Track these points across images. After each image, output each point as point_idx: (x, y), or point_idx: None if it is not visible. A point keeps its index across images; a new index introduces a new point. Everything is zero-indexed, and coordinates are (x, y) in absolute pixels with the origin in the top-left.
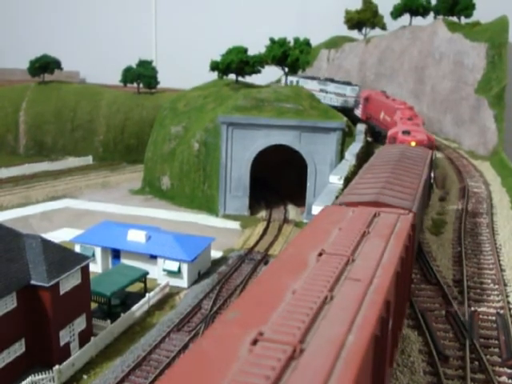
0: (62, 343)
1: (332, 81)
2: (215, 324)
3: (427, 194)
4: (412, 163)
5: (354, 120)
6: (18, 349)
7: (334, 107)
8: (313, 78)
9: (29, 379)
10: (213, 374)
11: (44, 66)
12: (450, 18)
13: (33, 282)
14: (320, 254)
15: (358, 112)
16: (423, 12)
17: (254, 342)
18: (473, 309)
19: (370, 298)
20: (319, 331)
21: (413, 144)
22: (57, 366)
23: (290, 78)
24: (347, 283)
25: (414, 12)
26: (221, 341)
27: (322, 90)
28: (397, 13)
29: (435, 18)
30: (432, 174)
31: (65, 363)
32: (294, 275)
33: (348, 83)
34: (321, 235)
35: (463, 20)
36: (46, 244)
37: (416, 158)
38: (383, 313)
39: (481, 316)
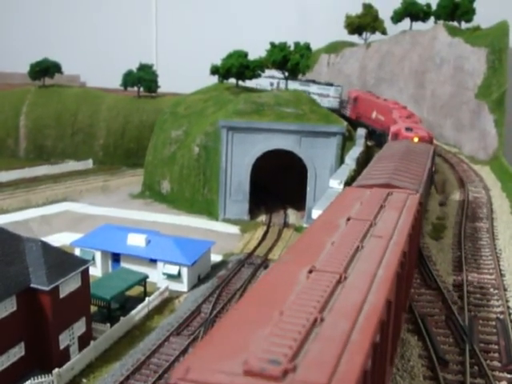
0: (61, 347)
1: (314, 82)
2: (275, 263)
3: (430, 181)
4: (417, 155)
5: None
6: (17, 352)
7: None
8: (294, 80)
9: (28, 382)
10: (281, 294)
11: (44, 69)
12: (451, 23)
13: (32, 285)
14: (348, 219)
15: (346, 112)
16: (424, 17)
17: (310, 272)
18: (473, 314)
19: (391, 249)
20: (357, 266)
21: (415, 139)
22: (56, 370)
23: (270, 80)
24: (372, 240)
25: (415, 17)
26: (284, 272)
27: (303, 92)
28: (397, 17)
29: (435, 22)
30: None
31: (64, 367)
32: (331, 233)
33: (331, 84)
34: (346, 208)
35: (464, 25)
36: (46, 247)
37: (420, 152)
38: (402, 257)
39: (481, 321)
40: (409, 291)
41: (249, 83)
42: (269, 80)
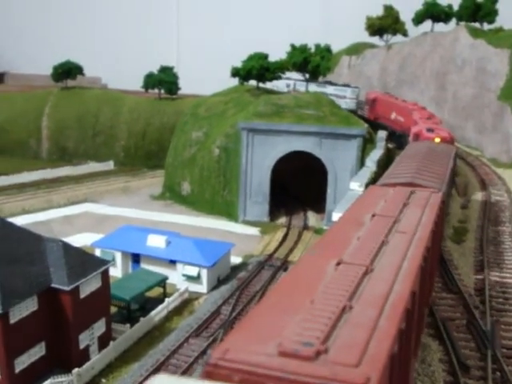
0: (81, 346)
1: (331, 83)
2: (303, 255)
3: (452, 181)
4: (439, 156)
5: None
6: (38, 351)
7: None
8: (310, 81)
9: (48, 382)
10: (310, 284)
11: (67, 71)
12: (473, 24)
13: (53, 285)
14: (373, 216)
15: (364, 113)
16: (445, 18)
17: (338, 264)
18: (495, 318)
19: (415, 244)
20: (382, 259)
21: (437, 140)
22: (76, 369)
23: (286, 82)
24: (396, 235)
25: (436, 18)
26: (312, 264)
27: (320, 93)
28: (418, 19)
29: (457, 24)
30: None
31: (84, 366)
32: (357, 228)
33: (347, 85)
34: (371, 205)
35: (486, 26)
36: (67, 248)
37: (442, 152)
38: (425, 252)
39: (503, 326)
40: (431, 287)
41: (266, 85)
42: (285, 81)
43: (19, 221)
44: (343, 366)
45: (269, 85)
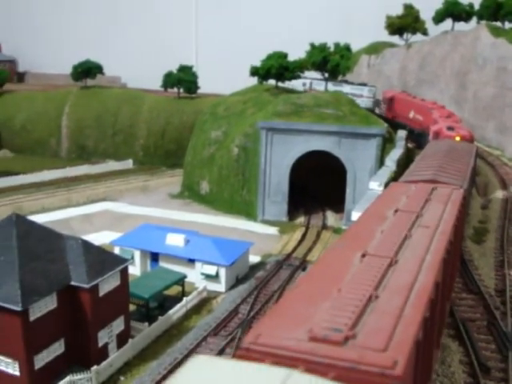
0: (100, 344)
1: (346, 82)
2: (329, 248)
3: (473, 179)
4: (460, 154)
5: None
6: (57, 348)
7: None
8: (326, 80)
9: (67, 378)
10: (337, 274)
11: (86, 71)
12: (494, 23)
13: (73, 282)
14: (396, 211)
15: (381, 111)
16: (466, 17)
17: (363, 256)
18: None
19: (437, 238)
20: (406, 251)
21: (457, 138)
22: (95, 367)
23: (303, 81)
24: (419, 229)
25: (457, 17)
26: (338, 256)
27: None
28: (439, 18)
29: (478, 22)
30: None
31: (103, 364)
32: (380, 222)
33: (364, 84)
34: (393, 201)
35: (507, 25)
36: (87, 246)
37: (463, 150)
38: (448, 246)
39: None
40: (453, 281)
41: (282, 84)
42: (301, 80)
43: (39, 219)
44: (371, 350)
45: (285, 84)
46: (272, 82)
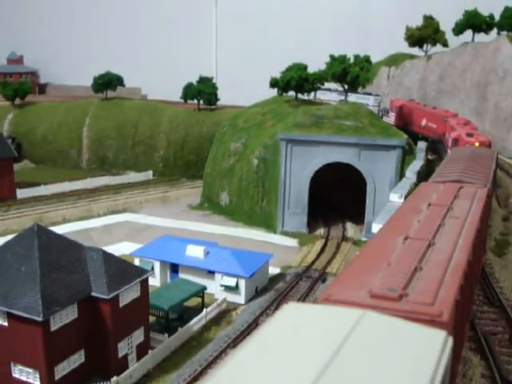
0: (120, 355)
1: (352, 92)
2: (375, 234)
3: (495, 179)
4: (482, 158)
5: None
6: (77, 359)
7: None
8: (331, 90)
9: None
10: (385, 253)
11: (107, 82)
12: None
13: (93, 293)
14: (429, 205)
15: (389, 120)
16: (486, 28)
17: (405, 239)
18: None
19: (467, 226)
20: (442, 235)
21: (476, 144)
22: (115, 378)
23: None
24: (450, 219)
25: (477, 28)
26: (383, 240)
27: (342, 101)
28: (459, 29)
29: (498, 33)
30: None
31: (122, 375)
32: (416, 214)
33: (369, 93)
34: (425, 197)
35: None
36: (107, 257)
37: (485, 155)
38: (476, 233)
39: None
40: (479, 267)
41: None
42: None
43: (60, 230)
44: (422, 304)
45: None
46: (292, 93)
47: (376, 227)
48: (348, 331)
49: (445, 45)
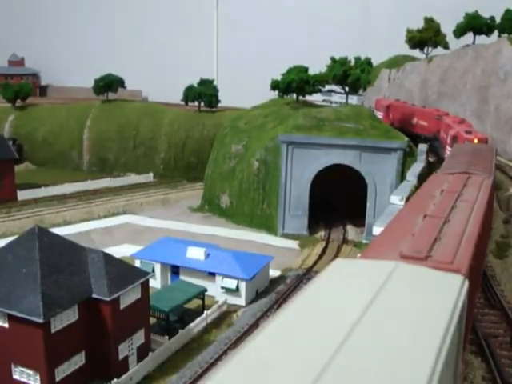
0: (120, 357)
1: (334, 91)
2: (397, 213)
3: (494, 172)
4: (483, 153)
5: None
6: (78, 361)
7: None
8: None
9: None
10: (407, 227)
11: (108, 84)
12: None
13: (94, 295)
14: (442, 191)
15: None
16: (487, 30)
17: (424, 217)
18: None
19: (476, 208)
20: (455, 215)
21: (475, 141)
22: (115, 380)
23: None
24: (462, 203)
25: (478, 31)
26: (405, 218)
27: (325, 101)
28: (460, 32)
29: (499, 36)
30: None
31: (123, 377)
32: (431, 199)
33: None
34: (437, 185)
35: None
36: (108, 259)
37: (485, 150)
38: (484, 213)
39: None
40: (487, 241)
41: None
42: None
43: (60, 231)
44: (443, 263)
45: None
46: (292, 95)
47: (377, 230)
48: (385, 278)
49: (446, 47)
